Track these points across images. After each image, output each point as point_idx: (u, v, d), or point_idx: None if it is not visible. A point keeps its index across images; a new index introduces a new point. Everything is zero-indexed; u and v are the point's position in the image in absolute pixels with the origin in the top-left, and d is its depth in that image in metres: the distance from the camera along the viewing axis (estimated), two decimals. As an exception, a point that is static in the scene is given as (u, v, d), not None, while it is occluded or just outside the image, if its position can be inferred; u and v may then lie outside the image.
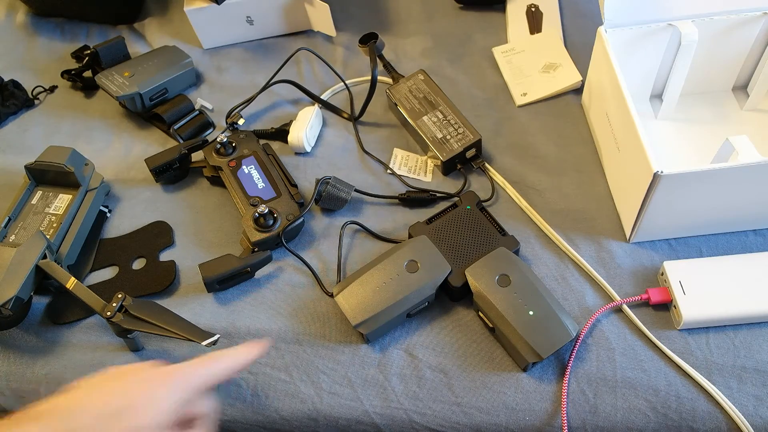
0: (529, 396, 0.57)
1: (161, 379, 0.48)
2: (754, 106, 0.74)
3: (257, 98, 0.81)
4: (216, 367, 0.51)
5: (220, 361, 0.51)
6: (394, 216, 0.71)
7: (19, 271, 0.61)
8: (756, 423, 0.55)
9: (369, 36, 0.78)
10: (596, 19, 0.72)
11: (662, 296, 0.60)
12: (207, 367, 0.50)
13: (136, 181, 0.76)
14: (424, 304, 0.62)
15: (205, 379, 0.50)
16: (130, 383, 0.47)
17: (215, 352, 0.52)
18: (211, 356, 0.51)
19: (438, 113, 0.74)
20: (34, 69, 0.90)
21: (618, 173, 0.68)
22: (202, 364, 0.50)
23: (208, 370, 0.50)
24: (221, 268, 0.64)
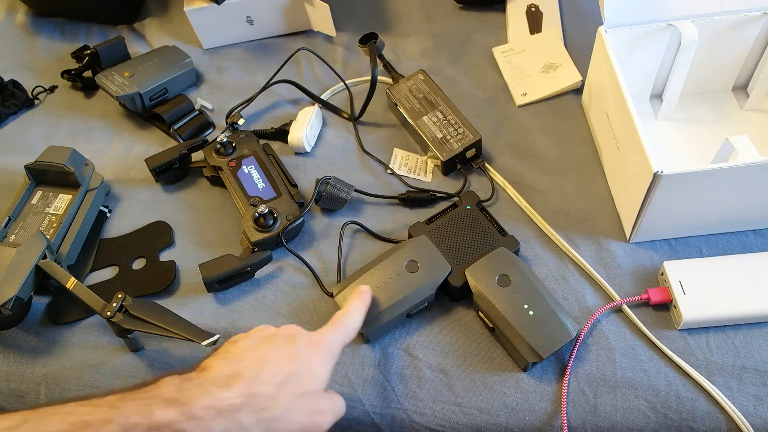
0: (529, 396, 0.57)
1: (316, 346, 0.49)
2: (754, 106, 0.74)
3: (257, 98, 0.81)
4: (347, 331, 0.53)
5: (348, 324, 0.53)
6: (394, 216, 0.71)
7: (19, 271, 0.61)
8: (756, 423, 0.55)
9: (369, 36, 0.78)
10: (596, 19, 0.72)
11: (662, 296, 0.60)
12: (342, 332, 0.52)
13: (136, 181, 0.76)
14: (424, 304, 0.62)
15: (342, 343, 0.52)
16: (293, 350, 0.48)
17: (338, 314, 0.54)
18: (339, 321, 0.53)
19: (438, 113, 0.74)
20: (34, 69, 0.90)
21: (618, 173, 0.68)
22: (338, 329, 0.52)
23: (343, 335, 0.52)
24: (221, 268, 0.64)
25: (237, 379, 0.44)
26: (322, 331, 0.51)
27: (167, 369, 0.61)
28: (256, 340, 0.49)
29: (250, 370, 0.45)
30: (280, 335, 0.49)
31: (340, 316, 0.53)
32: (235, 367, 0.45)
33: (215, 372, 0.44)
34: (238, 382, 0.43)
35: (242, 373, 0.44)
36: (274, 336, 0.49)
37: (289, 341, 0.49)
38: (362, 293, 0.57)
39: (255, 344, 0.48)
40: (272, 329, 0.51)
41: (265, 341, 0.48)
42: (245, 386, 0.43)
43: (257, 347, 0.47)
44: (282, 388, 0.45)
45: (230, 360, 0.46)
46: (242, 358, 0.46)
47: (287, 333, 0.50)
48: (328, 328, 0.52)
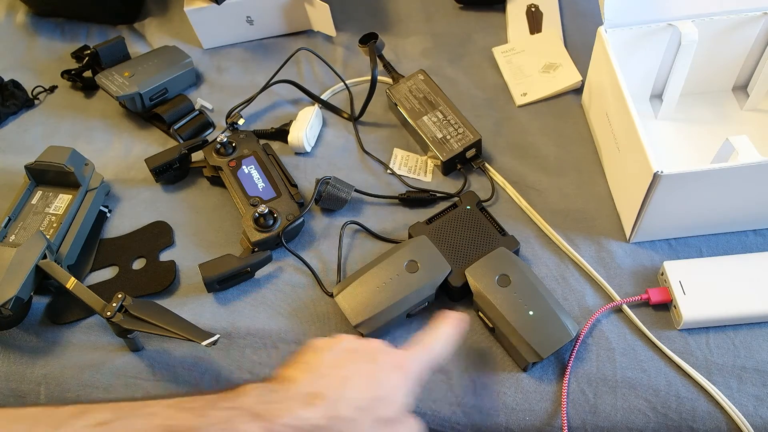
0: (529, 396, 0.57)
1: (400, 370, 0.47)
2: (754, 106, 0.74)
3: (257, 98, 0.81)
4: (435, 355, 0.50)
5: (437, 348, 0.51)
6: (394, 216, 0.71)
7: (19, 271, 0.61)
8: (756, 423, 0.55)
9: (369, 36, 0.78)
10: (596, 19, 0.72)
11: (662, 296, 0.60)
12: (429, 356, 0.50)
13: (136, 181, 0.76)
14: (424, 304, 0.62)
15: (428, 368, 0.49)
16: (376, 372, 0.46)
17: (427, 336, 0.51)
18: (428, 345, 0.50)
19: (438, 113, 0.74)
20: (34, 69, 0.90)
21: (618, 173, 0.68)
22: (425, 353, 0.50)
23: (430, 359, 0.50)
24: (221, 268, 0.64)
25: (320, 398, 0.42)
26: (407, 353, 0.49)
27: (167, 369, 0.61)
28: (338, 354, 0.47)
29: (333, 390, 0.43)
30: (363, 351, 0.47)
31: (429, 338, 0.51)
32: (318, 384, 0.43)
33: (298, 387, 0.43)
34: (321, 401, 0.42)
35: (325, 393, 0.43)
36: (357, 351, 0.47)
37: (372, 360, 0.47)
38: (459, 321, 0.53)
39: (338, 359, 0.46)
40: (355, 341, 0.48)
41: (348, 356, 0.47)
42: (327, 408, 0.42)
43: (340, 363, 0.46)
44: (362, 413, 0.43)
45: (313, 375, 0.44)
46: (325, 375, 0.44)
47: (371, 350, 0.48)
48: (417, 351, 0.49)
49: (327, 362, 0.46)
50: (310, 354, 0.47)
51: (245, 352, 0.61)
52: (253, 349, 0.62)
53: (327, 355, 0.46)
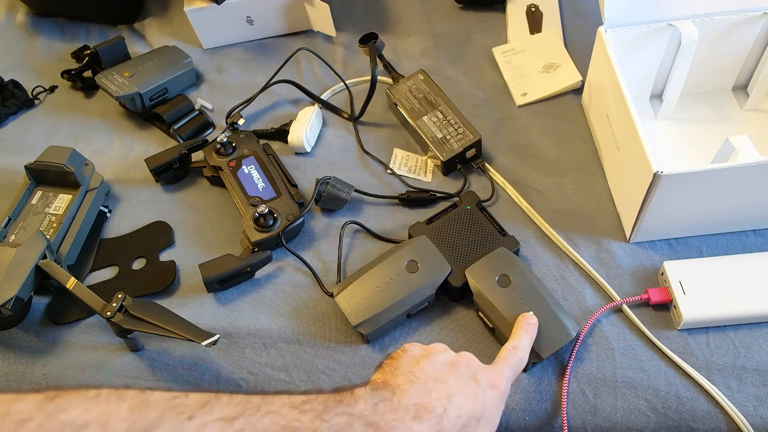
0: (529, 396, 0.57)
1: (495, 390, 0.48)
2: (754, 106, 0.74)
3: (257, 98, 0.81)
4: (518, 369, 0.52)
5: (520, 363, 0.52)
6: (394, 216, 0.71)
7: (19, 271, 0.61)
8: (756, 423, 0.55)
9: (369, 36, 0.78)
10: (596, 19, 0.72)
11: (662, 296, 0.60)
12: (514, 371, 0.52)
13: (136, 181, 0.76)
14: (424, 304, 0.62)
15: (512, 380, 0.51)
16: (477, 392, 0.47)
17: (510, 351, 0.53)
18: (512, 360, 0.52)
19: (438, 113, 0.74)
20: (34, 69, 0.90)
21: (618, 173, 0.68)
22: (512, 369, 0.51)
23: (515, 373, 0.52)
24: (221, 268, 0.64)
25: (427, 412, 0.43)
26: (498, 371, 0.50)
27: (167, 369, 0.61)
28: (440, 368, 0.47)
29: (439, 404, 0.44)
30: (462, 367, 0.48)
31: (512, 353, 0.52)
32: (424, 397, 0.44)
33: (407, 398, 0.44)
34: (428, 415, 0.43)
35: (432, 407, 0.44)
36: (456, 367, 0.48)
37: (472, 378, 0.48)
38: (530, 326, 0.56)
39: (440, 373, 0.47)
40: (451, 354, 0.50)
41: (449, 371, 0.47)
42: (434, 422, 0.43)
43: (443, 378, 0.46)
44: (463, 431, 0.45)
45: (420, 387, 0.45)
46: (431, 389, 0.45)
47: (469, 366, 0.49)
48: (504, 367, 0.51)
49: (429, 374, 0.46)
50: (410, 362, 0.48)
51: (245, 352, 0.61)
52: (253, 349, 0.61)
53: (427, 365, 0.47)
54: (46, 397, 0.35)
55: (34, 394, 0.35)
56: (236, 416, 0.38)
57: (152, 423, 0.36)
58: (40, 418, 0.34)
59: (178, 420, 0.36)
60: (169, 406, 0.37)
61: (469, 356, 0.50)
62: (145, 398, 0.37)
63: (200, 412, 0.37)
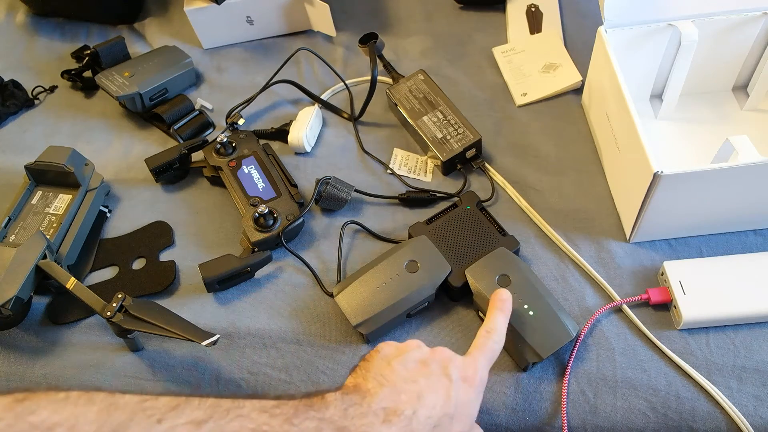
0: (529, 396, 0.57)
1: (469, 383, 0.48)
2: (754, 106, 0.74)
3: (257, 98, 0.81)
4: (495, 353, 0.51)
5: (495, 346, 0.52)
6: (394, 216, 0.71)
7: (19, 271, 0.61)
8: (756, 423, 0.55)
9: (369, 36, 0.78)
10: (596, 19, 0.72)
11: (662, 296, 0.60)
12: (491, 356, 0.51)
13: (136, 181, 0.76)
14: (424, 304, 0.62)
15: (490, 366, 0.51)
16: (449, 389, 0.47)
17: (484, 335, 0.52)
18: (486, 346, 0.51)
19: (438, 113, 0.74)
20: (34, 69, 0.90)
21: (618, 173, 0.68)
22: (487, 354, 0.51)
23: (491, 358, 0.51)
24: (221, 268, 0.64)
25: (396, 415, 0.43)
26: (472, 361, 0.50)
27: (167, 369, 0.61)
28: (411, 367, 0.47)
29: (409, 406, 0.44)
30: (434, 363, 0.48)
31: (486, 338, 0.52)
32: (394, 399, 0.44)
33: (376, 402, 0.44)
34: (397, 418, 0.43)
35: (401, 410, 0.44)
36: (428, 365, 0.48)
37: (444, 375, 0.47)
38: (503, 302, 0.55)
39: (411, 373, 0.47)
40: (424, 350, 0.50)
41: (420, 370, 0.47)
42: (404, 425, 0.43)
43: (414, 377, 0.46)
44: (435, 430, 0.45)
45: (389, 389, 0.45)
46: (400, 390, 0.45)
47: (441, 360, 0.48)
48: (478, 355, 0.50)
49: (400, 375, 0.46)
50: (382, 364, 0.47)
51: (245, 352, 0.61)
52: (253, 349, 0.62)
53: (398, 366, 0.47)
54: (14, 399, 0.35)
55: (3, 396, 0.35)
56: (205, 419, 0.38)
57: (121, 425, 0.36)
58: (8, 420, 0.34)
59: (147, 423, 0.36)
60: (138, 409, 0.37)
61: (442, 351, 0.50)
62: (115, 401, 0.37)
63: (169, 415, 0.37)
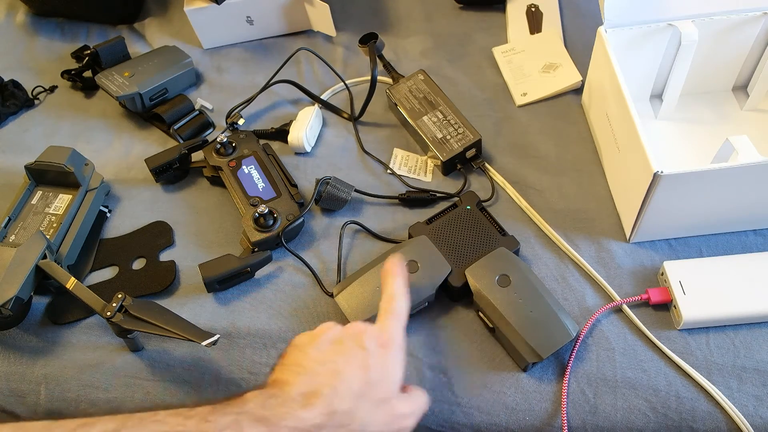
0: (529, 396, 0.57)
1: (386, 348, 0.49)
2: (754, 106, 0.74)
3: (257, 98, 0.81)
4: (403, 315, 0.52)
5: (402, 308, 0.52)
6: (394, 216, 0.71)
7: (19, 271, 0.61)
8: (756, 423, 0.55)
9: (369, 36, 0.78)
10: (596, 19, 0.72)
11: (662, 296, 0.60)
12: (400, 319, 0.51)
13: (136, 181, 0.76)
14: (424, 304, 0.61)
15: (403, 329, 0.51)
16: (365, 358, 0.47)
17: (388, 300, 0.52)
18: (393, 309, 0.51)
19: (438, 113, 0.74)
20: (34, 69, 0.90)
21: (618, 173, 0.68)
22: (397, 318, 0.51)
23: (401, 321, 0.51)
24: (221, 268, 0.64)
25: (316, 396, 0.44)
26: (384, 326, 0.50)
27: (167, 369, 0.61)
28: (325, 348, 0.48)
29: (327, 386, 0.44)
30: (348, 339, 0.48)
31: (390, 301, 0.52)
32: (311, 383, 0.45)
33: (295, 389, 0.44)
34: (317, 399, 0.44)
35: (320, 391, 0.44)
36: (342, 341, 0.48)
37: (358, 346, 0.48)
38: (393, 266, 0.54)
39: (325, 355, 0.47)
40: (337, 330, 0.50)
41: (334, 349, 0.48)
42: (324, 405, 0.44)
43: (328, 358, 0.47)
44: (358, 401, 0.45)
45: (306, 375, 0.45)
46: (317, 373, 0.45)
47: (354, 335, 0.49)
48: (388, 320, 0.51)
49: (315, 359, 0.47)
50: (297, 353, 0.48)
51: (245, 352, 0.61)
52: (253, 349, 0.61)
53: (313, 351, 0.47)
54: None
55: None
56: (117, 428, 0.38)
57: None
58: None
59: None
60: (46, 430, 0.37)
61: (354, 326, 0.50)
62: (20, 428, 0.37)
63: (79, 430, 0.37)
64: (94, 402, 0.60)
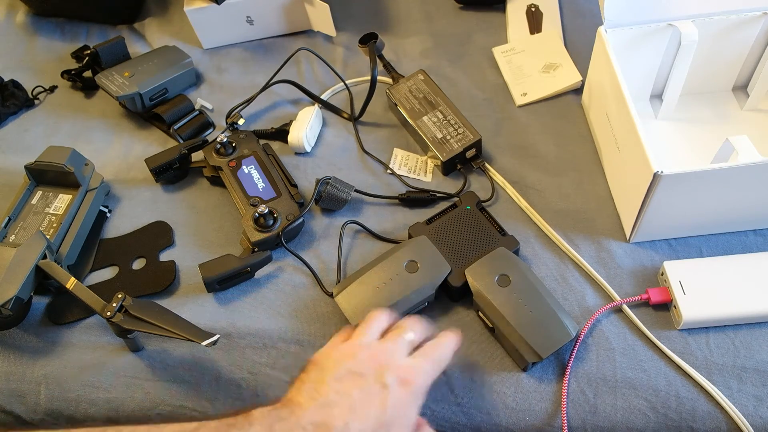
0: (529, 396, 0.57)
1: (408, 387, 0.47)
2: (754, 106, 0.74)
3: (257, 98, 0.81)
4: (440, 365, 0.50)
5: (441, 358, 0.51)
6: (394, 216, 0.71)
7: (19, 271, 0.61)
8: (756, 423, 0.55)
9: (369, 36, 0.78)
10: (596, 19, 0.72)
11: (662, 296, 0.60)
12: (435, 367, 0.50)
13: (136, 181, 0.76)
14: (424, 304, 0.61)
15: (433, 378, 0.49)
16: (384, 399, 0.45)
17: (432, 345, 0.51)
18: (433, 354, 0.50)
19: (438, 113, 0.74)
20: (34, 69, 0.90)
21: (618, 173, 0.68)
22: (432, 363, 0.49)
23: (435, 370, 0.50)
24: (221, 268, 0.64)
25: (328, 429, 0.43)
26: (416, 365, 0.48)
27: (167, 369, 0.61)
28: (344, 378, 0.46)
29: (340, 420, 0.43)
30: (370, 373, 0.46)
31: (436, 348, 0.51)
32: (325, 414, 0.43)
33: (306, 417, 0.43)
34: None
35: (331, 424, 0.43)
36: (363, 374, 0.46)
37: (379, 383, 0.46)
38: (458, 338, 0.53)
39: (344, 386, 0.45)
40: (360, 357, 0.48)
41: (354, 381, 0.46)
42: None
43: (347, 390, 0.45)
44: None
45: (320, 403, 0.44)
46: (333, 404, 0.44)
47: (378, 368, 0.47)
48: (424, 362, 0.49)
49: (333, 387, 0.45)
50: (316, 374, 0.47)
51: (245, 352, 0.61)
52: (253, 349, 0.61)
53: (331, 378, 0.46)
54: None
55: None
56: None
57: None
58: None
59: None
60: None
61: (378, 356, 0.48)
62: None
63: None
64: (94, 402, 0.60)
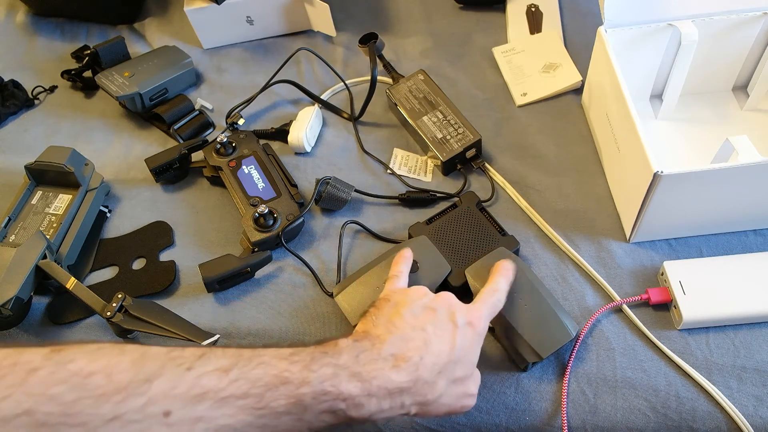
0: (529, 396, 0.57)
1: (473, 329, 0.50)
2: (754, 106, 0.74)
3: (257, 98, 0.81)
4: (495, 309, 0.54)
5: (498, 303, 0.54)
6: (394, 216, 0.71)
7: (19, 271, 0.61)
8: (756, 423, 0.55)
9: (369, 36, 0.78)
10: (596, 19, 0.72)
11: (662, 296, 0.60)
12: (492, 311, 0.53)
13: (136, 181, 0.76)
14: (424, 304, 0.61)
15: (489, 321, 0.53)
16: (454, 335, 0.49)
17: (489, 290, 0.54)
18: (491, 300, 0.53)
19: (438, 113, 0.74)
20: (34, 69, 0.90)
21: (618, 173, 0.68)
22: (490, 308, 0.53)
23: (492, 313, 0.53)
24: (221, 268, 0.64)
25: (404, 361, 0.46)
26: (477, 309, 0.52)
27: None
28: (420, 314, 0.49)
29: (416, 353, 0.46)
30: (441, 310, 0.50)
31: (490, 294, 0.54)
32: (402, 347, 0.46)
33: (386, 348, 0.46)
34: (405, 364, 0.45)
35: (409, 357, 0.46)
36: (435, 310, 0.50)
37: (450, 320, 0.49)
38: (507, 271, 0.57)
39: (419, 320, 0.49)
40: (430, 297, 0.51)
41: (427, 316, 0.49)
42: (411, 371, 0.45)
43: (421, 325, 0.48)
44: (440, 376, 0.47)
45: (398, 336, 0.47)
46: (409, 338, 0.47)
47: (448, 307, 0.50)
48: (482, 306, 0.52)
49: (409, 322, 0.48)
50: (390, 310, 0.50)
51: (245, 352, 0.61)
52: (253, 349, 0.61)
53: (407, 313, 0.49)
54: (52, 350, 0.38)
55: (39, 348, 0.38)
56: (230, 367, 0.41)
57: (154, 373, 0.38)
58: (50, 367, 0.37)
59: (178, 371, 0.39)
60: (168, 359, 0.40)
61: (447, 297, 0.52)
62: (145, 352, 0.40)
63: (197, 363, 0.40)
64: None
